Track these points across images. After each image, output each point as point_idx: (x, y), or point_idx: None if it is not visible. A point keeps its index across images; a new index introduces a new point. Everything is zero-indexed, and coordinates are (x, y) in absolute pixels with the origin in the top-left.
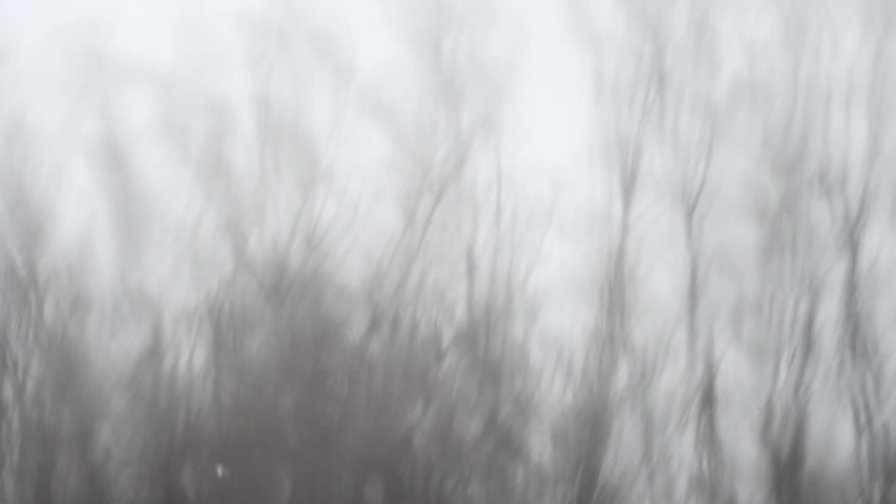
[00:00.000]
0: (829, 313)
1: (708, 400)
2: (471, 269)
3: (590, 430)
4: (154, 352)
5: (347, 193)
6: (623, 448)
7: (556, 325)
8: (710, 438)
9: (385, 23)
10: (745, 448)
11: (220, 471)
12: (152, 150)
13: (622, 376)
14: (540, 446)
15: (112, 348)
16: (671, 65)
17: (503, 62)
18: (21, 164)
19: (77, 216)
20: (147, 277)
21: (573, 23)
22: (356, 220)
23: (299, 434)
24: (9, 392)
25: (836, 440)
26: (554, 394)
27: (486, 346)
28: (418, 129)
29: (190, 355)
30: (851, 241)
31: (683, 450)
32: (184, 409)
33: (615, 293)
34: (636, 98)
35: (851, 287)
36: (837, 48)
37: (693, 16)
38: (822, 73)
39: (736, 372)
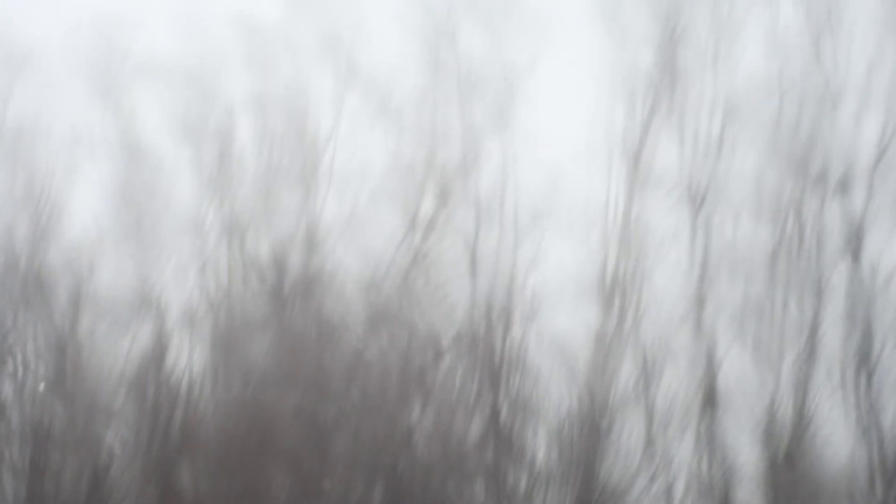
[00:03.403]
0: (833, 316)
1: (710, 401)
2: (473, 269)
3: (590, 431)
4: (156, 352)
5: (349, 194)
6: (623, 449)
7: (558, 325)
8: (711, 440)
9: (392, 21)
10: (746, 450)
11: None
12: (158, 150)
13: (624, 377)
14: (540, 447)
15: (114, 348)
16: (681, 61)
17: (510, 61)
18: (29, 162)
19: (82, 215)
20: (150, 277)
21: (582, 18)
22: (358, 221)
23: (299, 435)
24: (9, 390)
25: (837, 444)
26: (555, 394)
27: (487, 346)
28: (422, 129)
29: (191, 355)
30: (855, 243)
31: (684, 452)
32: (185, 410)
33: (619, 292)
34: (645, 94)
35: (854, 290)
36: (851, 49)
37: (706, 12)
38: (835, 74)
39: (739, 374)
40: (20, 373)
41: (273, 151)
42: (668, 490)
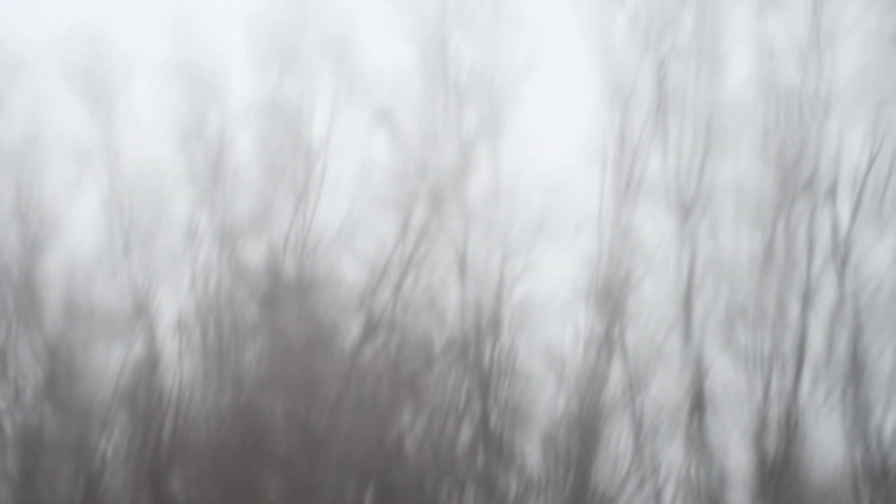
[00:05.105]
0: (821, 322)
1: (699, 407)
2: (464, 275)
3: (581, 435)
4: (148, 359)
5: (343, 199)
6: (614, 454)
7: (549, 331)
8: (700, 445)
9: (386, 28)
10: (735, 454)
11: None
12: (151, 157)
13: (613, 382)
14: (531, 452)
15: (107, 355)
16: (670, 70)
17: (503, 69)
18: (21, 172)
19: (75, 223)
20: (143, 285)
21: (573, 27)
22: (351, 228)
23: (291, 440)
24: (3, 399)
25: (825, 448)
26: (546, 400)
27: (477, 352)
28: (417, 135)
29: (183, 363)
30: (842, 250)
31: (674, 456)
32: (177, 417)
33: (609, 299)
34: (635, 103)
35: (842, 296)
36: (839, 58)
37: (695, 22)
38: (823, 83)
39: (727, 378)
40: (13, 381)
41: (267, 157)
42: (658, 494)
